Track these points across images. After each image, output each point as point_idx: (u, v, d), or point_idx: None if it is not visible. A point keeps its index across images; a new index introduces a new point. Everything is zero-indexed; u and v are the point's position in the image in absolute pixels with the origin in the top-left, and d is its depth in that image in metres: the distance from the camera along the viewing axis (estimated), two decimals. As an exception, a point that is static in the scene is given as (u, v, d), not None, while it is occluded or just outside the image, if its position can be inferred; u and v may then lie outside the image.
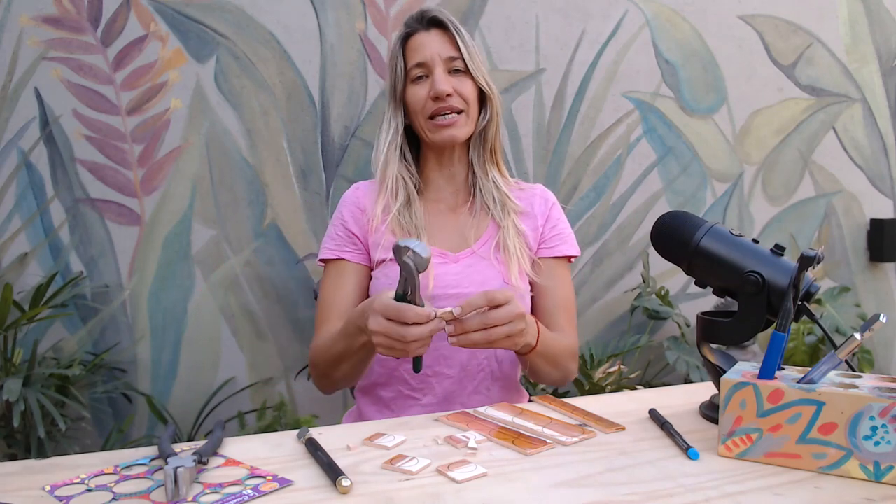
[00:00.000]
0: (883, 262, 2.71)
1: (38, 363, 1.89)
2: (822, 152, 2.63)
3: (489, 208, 1.40)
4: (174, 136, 2.03)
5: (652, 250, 2.37)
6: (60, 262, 1.99)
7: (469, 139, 1.42)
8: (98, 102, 1.99)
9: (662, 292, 2.31)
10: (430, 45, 1.36)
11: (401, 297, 1.02)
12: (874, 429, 0.76)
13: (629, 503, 0.72)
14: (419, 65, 1.37)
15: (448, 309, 1.03)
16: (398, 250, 1.00)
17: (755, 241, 0.97)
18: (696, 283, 1.00)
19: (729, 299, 0.99)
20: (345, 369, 1.24)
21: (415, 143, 1.46)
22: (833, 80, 2.62)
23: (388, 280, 1.33)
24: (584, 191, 2.37)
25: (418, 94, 1.37)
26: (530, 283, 1.40)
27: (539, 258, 1.42)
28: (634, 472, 0.80)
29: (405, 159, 1.42)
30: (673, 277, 2.45)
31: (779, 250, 0.94)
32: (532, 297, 1.41)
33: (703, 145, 2.48)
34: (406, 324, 1.00)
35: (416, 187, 1.41)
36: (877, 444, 0.76)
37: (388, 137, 1.41)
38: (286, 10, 2.08)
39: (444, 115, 1.35)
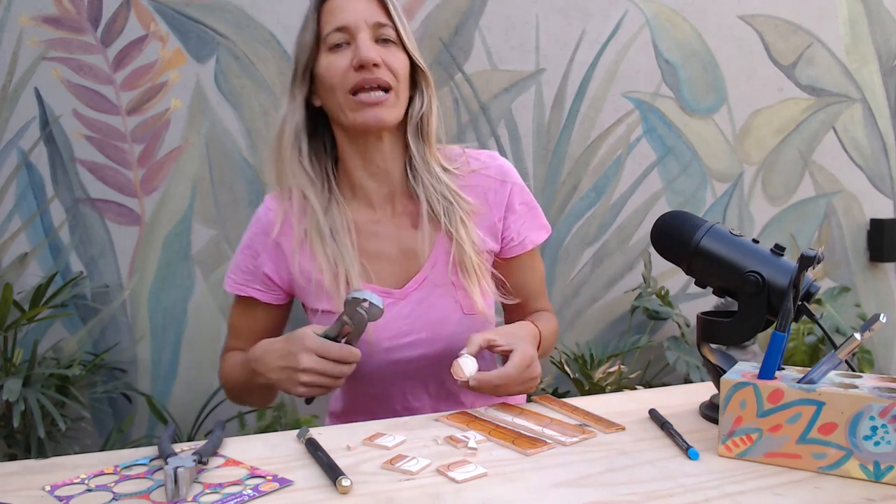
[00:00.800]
0: (883, 262, 2.71)
1: (38, 363, 1.89)
2: (822, 152, 2.63)
3: (437, 215, 1.15)
4: (174, 136, 2.03)
5: (652, 250, 2.37)
6: (60, 262, 1.99)
7: (401, 128, 1.16)
8: (98, 102, 1.99)
9: (662, 292, 2.31)
10: (353, 8, 1.10)
11: (330, 338, 1.00)
12: (874, 429, 0.76)
13: (629, 503, 0.72)
14: (339, 29, 1.09)
15: (465, 378, 1.01)
16: (350, 303, 0.98)
17: (755, 241, 0.97)
18: (696, 283, 1.00)
19: (729, 299, 0.99)
20: (251, 400, 1.22)
21: (329, 137, 1.19)
22: (833, 80, 2.62)
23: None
24: (584, 191, 2.37)
25: (336, 64, 1.09)
26: (502, 274, 1.22)
27: (507, 259, 1.23)
28: (634, 472, 0.80)
29: (313, 160, 1.15)
30: (673, 277, 2.45)
31: (779, 250, 0.94)
32: (506, 286, 1.23)
33: (703, 145, 2.48)
34: (343, 363, 0.98)
35: (328, 187, 1.15)
36: (877, 444, 0.76)
37: (289, 133, 1.14)
38: (286, 10, 2.08)
39: (369, 90, 1.08)
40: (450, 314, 1.15)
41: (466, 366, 1.01)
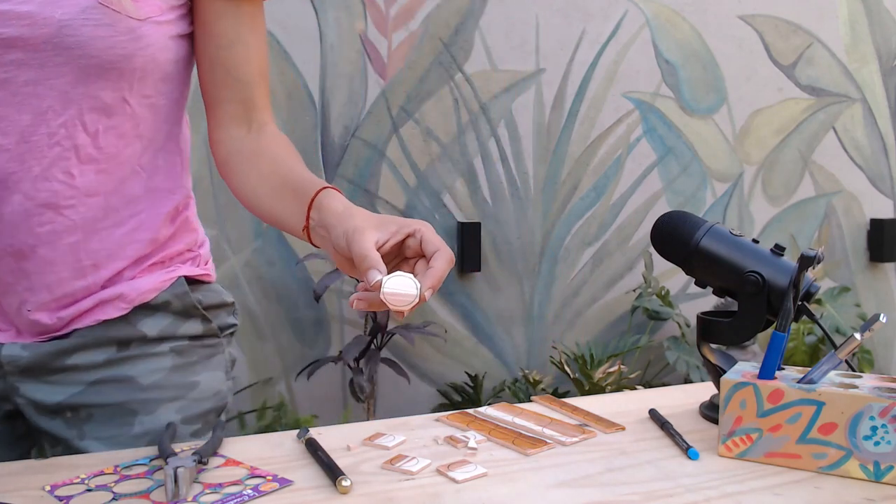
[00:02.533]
0: (883, 262, 2.71)
1: (38, 363, 1.89)
2: (822, 152, 2.63)
3: None
4: (174, 136, 2.03)
5: (652, 250, 2.38)
6: (60, 262, 1.99)
7: None
8: (98, 102, 1.99)
9: (663, 292, 2.31)
10: None
11: None
12: (874, 429, 0.76)
13: (629, 503, 0.72)
14: None
15: (415, 297, 0.71)
16: None
17: (755, 241, 0.97)
18: (696, 283, 1.00)
19: (729, 299, 0.99)
20: None
21: None
22: (833, 80, 2.62)
23: None
24: (584, 191, 2.37)
25: None
26: (201, 14, 0.89)
27: None
28: (634, 472, 0.80)
29: None
30: (673, 277, 2.45)
31: (779, 250, 0.94)
32: (201, 52, 0.92)
33: (703, 145, 2.48)
34: None
35: None
36: (877, 444, 0.76)
37: None
38: (286, 10, 2.08)
39: None
40: None
41: (405, 286, 0.70)
